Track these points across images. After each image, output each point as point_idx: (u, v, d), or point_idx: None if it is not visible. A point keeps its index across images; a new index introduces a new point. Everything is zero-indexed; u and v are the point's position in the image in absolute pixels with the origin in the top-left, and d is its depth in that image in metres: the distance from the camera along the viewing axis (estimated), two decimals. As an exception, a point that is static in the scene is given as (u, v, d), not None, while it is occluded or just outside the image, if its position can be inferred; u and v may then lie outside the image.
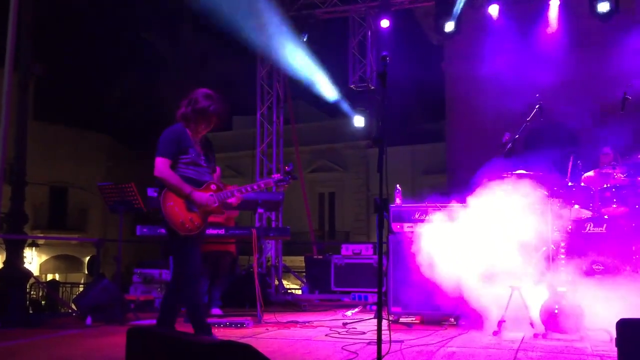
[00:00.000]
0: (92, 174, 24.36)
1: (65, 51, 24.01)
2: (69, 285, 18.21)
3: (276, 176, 4.56)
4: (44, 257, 25.02)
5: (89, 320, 6.05)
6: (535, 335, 5.10)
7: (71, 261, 25.88)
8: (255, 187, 4.44)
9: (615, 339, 2.50)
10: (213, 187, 4.25)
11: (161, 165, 4.07)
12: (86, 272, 25.23)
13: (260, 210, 8.99)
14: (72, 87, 25.06)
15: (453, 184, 15.21)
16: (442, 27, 10.76)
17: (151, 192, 6.16)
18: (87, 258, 25.42)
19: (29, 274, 7.24)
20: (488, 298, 6.16)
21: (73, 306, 7.46)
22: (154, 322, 6.06)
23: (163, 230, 6.39)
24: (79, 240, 24.75)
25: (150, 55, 24.67)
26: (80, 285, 18.38)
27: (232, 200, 4.33)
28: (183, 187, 4.06)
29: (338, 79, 11.94)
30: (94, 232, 24.93)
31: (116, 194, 6.64)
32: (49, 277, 24.41)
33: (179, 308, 4.33)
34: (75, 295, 11.99)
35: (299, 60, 11.07)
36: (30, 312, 10.99)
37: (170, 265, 6.25)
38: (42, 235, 22.87)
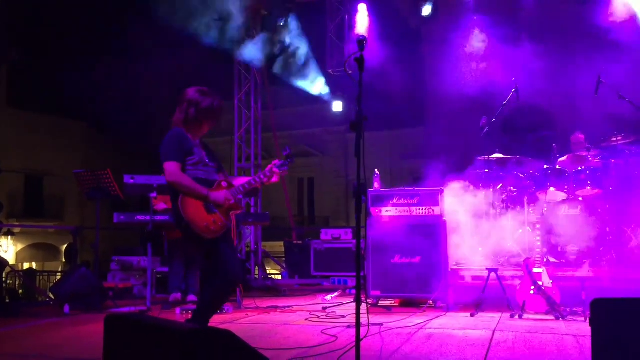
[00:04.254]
0: (68, 161, 24.01)
1: (40, 37, 23.54)
2: (46, 274, 18.01)
3: (276, 162, 4.39)
4: (20, 246, 24.72)
5: (66, 309, 6.00)
6: (512, 316, 5.19)
7: (48, 249, 25.60)
8: (262, 176, 4.35)
9: (589, 318, 2.55)
10: (224, 184, 4.15)
11: (172, 169, 3.90)
12: (63, 260, 24.98)
13: (239, 196, 8.95)
14: (47, 74, 24.60)
15: (431, 168, 15.29)
16: (420, 10, 10.75)
17: (127, 179, 6.09)
18: (64, 246, 25.16)
19: (5, 262, 7.13)
20: (466, 279, 6.27)
21: (50, 295, 7.39)
22: (132, 309, 6.07)
23: (140, 217, 6.36)
24: (55, 228, 24.41)
25: (126, 40, 24.25)
26: (58, 274, 18.17)
27: (241, 195, 4.26)
28: (198, 189, 3.93)
29: (316, 63, 11.89)
30: (71, 220, 24.65)
31: (92, 181, 6.57)
32: (26, 265, 24.13)
33: (218, 305, 4.13)
34: (52, 284, 11.89)
35: (276, 44, 10.99)
36: (7, 301, 10.85)
37: (149, 252, 6.22)
38: (18, 223, 22.55)
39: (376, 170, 6.59)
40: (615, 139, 6.79)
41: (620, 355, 2.47)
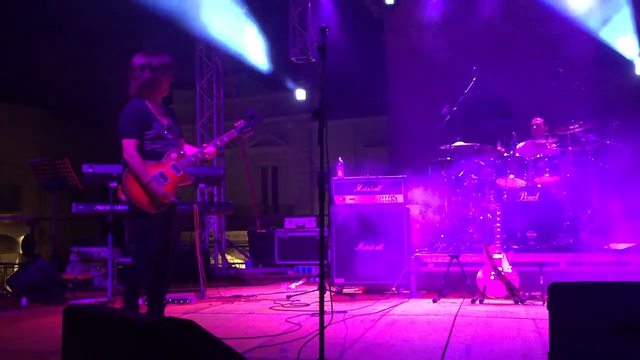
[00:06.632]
0: (26, 150, 23.33)
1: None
2: (3, 266, 17.49)
3: (239, 123, 4.32)
4: (-25, 238, 24.03)
5: (24, 301, 5.85)
6: (473, 301, 5.28)
7: (4, 241, 24.92)
8: (218, 142, 4.29)
9: (547, 302, 2.61)
10: (174, 155, 4.13)
11: (129, 147, 3.95)
12: (21, 252, 24.37)
13: (201, 185, 8.86)
14: (0, 59, 23.78)
15: (395, 156, 15.39)
16: (383, -1, 10.77)
17: (86, 168, 5.96)
18: (22, 237, 24.53)
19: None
20: (429, 266, 6.34)
21: (7, 287, 7.20)
22: (92, 301, 5.96)
23: (100, 207, 6.24)
24: (11, 219, 23.79)
25: (84, 25, 23.62)
26: (15, 266, 17.72)
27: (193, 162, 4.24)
28: (143, 175, 3.95)
29: (279, 51, 11.81)
30: (28, 211, 24.01)
31: (50, 171, 6.40)
32: (-19, 258, 23.48)
33: (140, 286, 4.13)
34: (9, 276, 11.57)
35: (238, 32, 10.86)
36: (-38, 294, 10.53)
37: (109, 242, 6.12)
38: (-28, 215, 21.91)
39: (340, 158, 6.60)
40: (572, 127, 6.95)
41: (576, 338, 2.53)
